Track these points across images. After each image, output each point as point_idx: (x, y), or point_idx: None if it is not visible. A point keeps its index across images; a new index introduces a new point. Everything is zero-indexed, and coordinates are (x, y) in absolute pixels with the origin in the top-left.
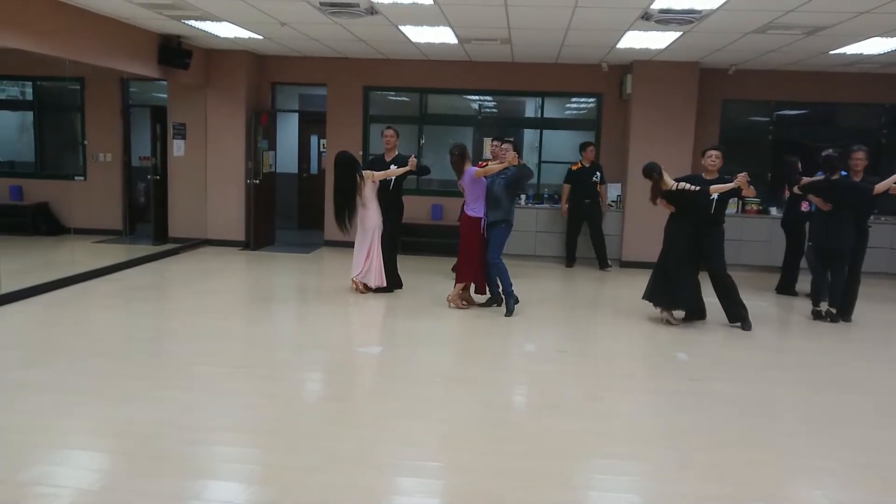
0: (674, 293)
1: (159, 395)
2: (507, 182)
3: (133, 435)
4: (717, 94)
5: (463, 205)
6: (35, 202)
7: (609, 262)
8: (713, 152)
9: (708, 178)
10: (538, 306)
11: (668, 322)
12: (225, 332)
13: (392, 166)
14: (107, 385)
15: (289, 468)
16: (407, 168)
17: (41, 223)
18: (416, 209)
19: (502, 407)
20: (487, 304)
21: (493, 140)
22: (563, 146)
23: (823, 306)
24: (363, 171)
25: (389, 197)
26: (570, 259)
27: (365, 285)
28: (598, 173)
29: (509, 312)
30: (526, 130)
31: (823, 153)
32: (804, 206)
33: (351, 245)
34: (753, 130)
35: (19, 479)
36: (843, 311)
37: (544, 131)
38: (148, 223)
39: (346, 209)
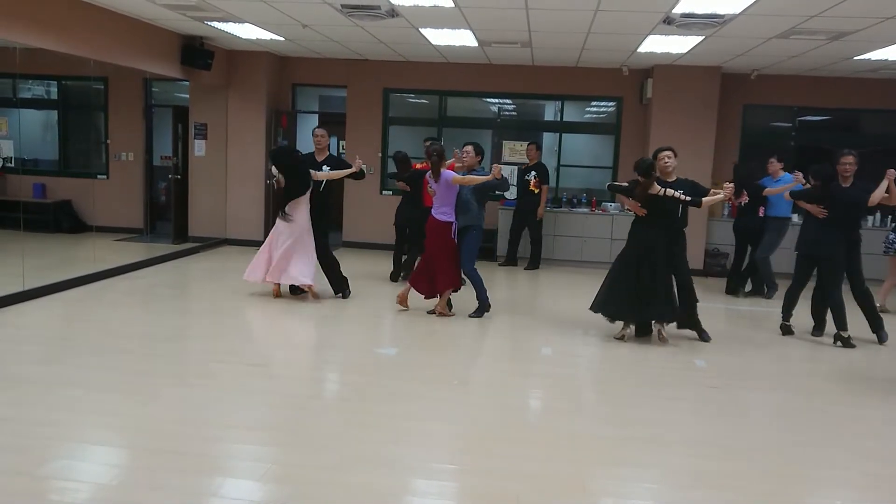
0: (667, 304)
1: (177, 392)
2: (479, 187)
3: (151, 431)
4: (738, 99)
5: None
6: (58, 200)
7: (516, 264)
8: (666, 153)
9: (668, 181)
10: (553, 309)
11: (624, 337)
12: (243, 331)
13: (325, 167)
14: (126, 382)
15: (305, 467)
16: (353, 170)
17: (63, 220)
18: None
19: (519, 410)
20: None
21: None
22: (582, 150)
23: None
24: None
25: (321, 198)
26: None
27: (279, 286)
28: (532, 172)
29: (479, 315)
30: (545, 133)
31: (813, 167)
32: (761, 212)
33: (370, 246)
34: (775, 136)
35: (41, 472)
36: (841, 324)
37: (564, 135)
38: (168, 222)
39: (290, 200)
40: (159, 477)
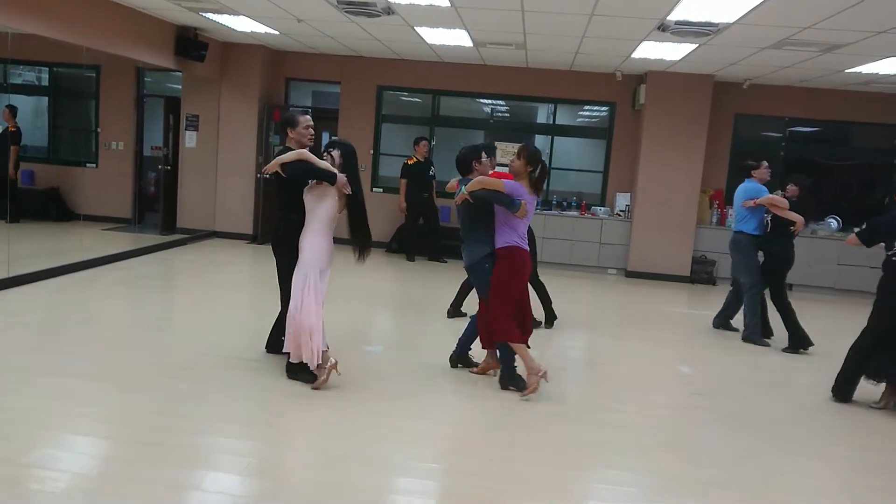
0: None
1: (162, 383)
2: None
3: (134, 423)
4: (730, 108)
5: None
6: (46, 187)
7: (444, 260)
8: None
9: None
10: (539, 313)
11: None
12: (229, 325)
13: None
14: (110, 372)
15: (288, 463)
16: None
17: (51, 208)
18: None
19: (505, 412)
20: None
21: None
22: (573, 154)
23: None
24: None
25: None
26: (410, 254)
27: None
28: (432, 169)
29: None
30: (537, 136)
31: None
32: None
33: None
34: (765, 146)
35: (23, 460)
36: None
37: (555, 138)
38: (157, 213)
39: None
40: (140, 468)
